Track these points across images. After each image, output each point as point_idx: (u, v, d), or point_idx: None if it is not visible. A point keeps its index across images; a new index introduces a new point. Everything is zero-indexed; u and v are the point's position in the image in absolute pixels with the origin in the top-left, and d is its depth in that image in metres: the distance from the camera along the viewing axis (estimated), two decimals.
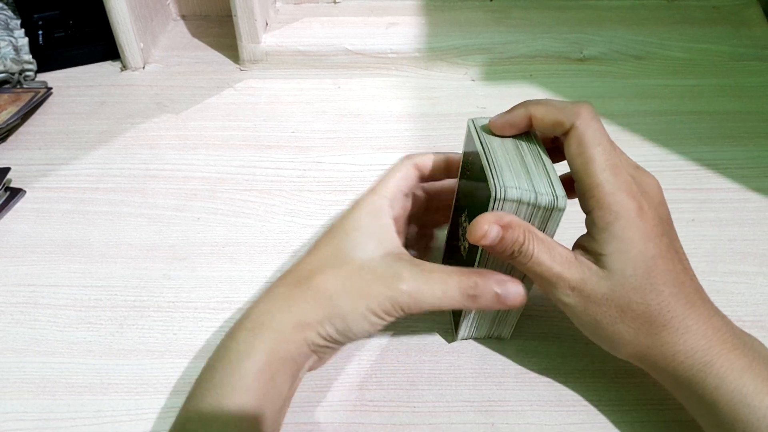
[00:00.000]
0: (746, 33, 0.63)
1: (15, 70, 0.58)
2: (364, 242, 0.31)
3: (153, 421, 0.33)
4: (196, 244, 0.44)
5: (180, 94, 0.59)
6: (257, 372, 0.28)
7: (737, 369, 0.28)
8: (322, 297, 0.29)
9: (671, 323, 0.29)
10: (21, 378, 0.35)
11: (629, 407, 0.34)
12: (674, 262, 0.29)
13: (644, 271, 0.28)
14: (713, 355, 0.28)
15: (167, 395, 0.35)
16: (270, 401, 0.29)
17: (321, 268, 0.31)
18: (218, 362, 0.29)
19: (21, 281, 0.41)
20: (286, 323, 0.29)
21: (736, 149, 0.51)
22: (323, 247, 0.32)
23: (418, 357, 0.36)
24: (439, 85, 0.60)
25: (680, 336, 0.29)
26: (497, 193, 0.28)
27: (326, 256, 0.31)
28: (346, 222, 0.32)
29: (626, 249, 0.28)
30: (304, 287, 0.30)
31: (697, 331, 0.29)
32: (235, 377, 0.28)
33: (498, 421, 0.33)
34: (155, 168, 0.50)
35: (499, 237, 0.29)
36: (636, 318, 0.29)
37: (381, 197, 0.33)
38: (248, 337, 0.29)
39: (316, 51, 0.61)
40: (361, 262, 0.30)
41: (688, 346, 0.28)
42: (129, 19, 0.59)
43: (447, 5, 0.67)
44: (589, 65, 0.61)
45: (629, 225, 0.28)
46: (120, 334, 0.38)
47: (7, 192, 0.48)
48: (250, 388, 0.28)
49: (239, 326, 0.30)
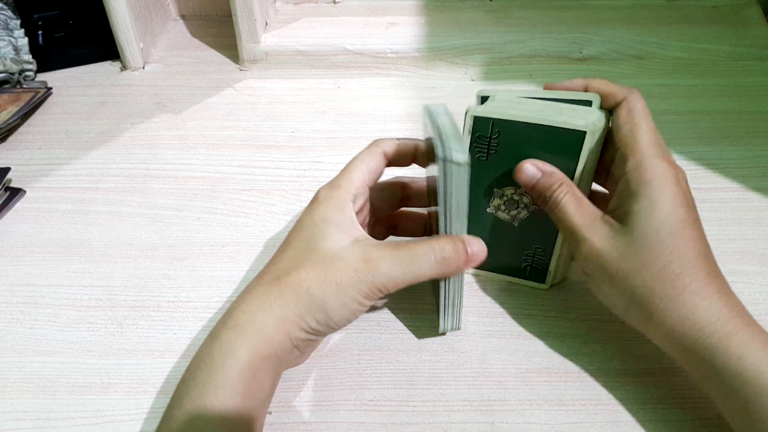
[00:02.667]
0: (746, 33, 0.63)
1: (15, 70, 0.58)
2: (332, 234, 0.32)
3: (153, 421, 0.33)
4: (196, 244, 0.44)
5: (180, 94, 0.59)
6: (240, 370, 0.28)
7: (758, 342, 0.28)
8: (300, 291, 0.30)
9: (692, 286, 0.29)
10: (21, 378, 0.35)
11: (629, 407, 0.34)
12: (700, 234, 0.31)
13: (669, 232, 0.30)
14: (735, 325, 0.28)
15: (167, 395, 0.34)
16: (253, 399, 0.29)
17: (296, 263, 0.31)
18: (201, 362, 0.29)
19: (21, 281, 0.41)
20: (268, 320, 0.30)
21: (736, 149, 0.51)
22: (294, 242, 0.32)
23: (418, 357, 0.36)
24: (439, 84, 0.60)
25: (701, 300, 0.29)
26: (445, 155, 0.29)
27: (299, 250, 0.32)
28: (314, 215, 0.32)
29: (655, 209, 0.30)
30: (282, 284, 0.30)
31: (719, 300, 0.29)
32: (218, 376, 0.28)
33: (498, 420, 0.33)
34: (155, 168, 0.50)
35: (536, 178, 0.33)
36: (654, 275, 0.30)
37: (346, 193, 0.33)
38: (230, 337, 0.29)
39: (315, 51, 0.61)
40: (332, 252, 0.31)
41: (710, 312, 0.29)
42: (129, 19, 0.59)
43: (447, 5, 0.67)
44: (588, 65, 0.61)
45: (664, 188, 0.30)
46: (120, 334, 0.38)
47: (7, 192, 0.48)
48: (234, 387, 0.28)
49: (221, 326, 0.30)
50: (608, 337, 0.37)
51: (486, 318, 0.38)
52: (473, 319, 0.38)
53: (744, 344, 0.28)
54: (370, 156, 0.35)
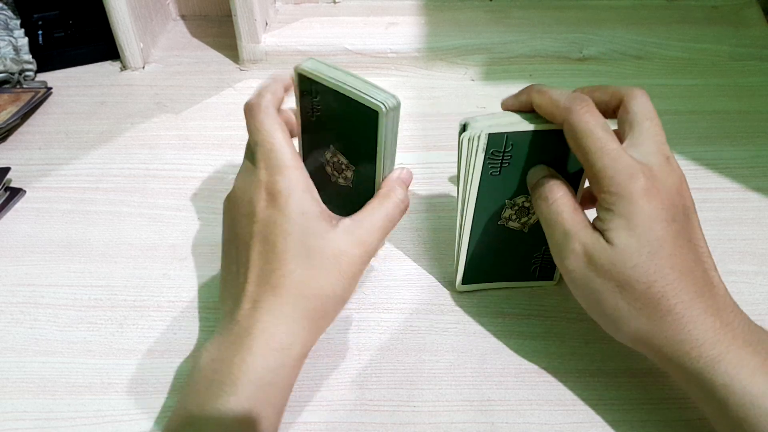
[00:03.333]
0: (746, 33, 0.63)
1: (15, 70, 0.58)
2: (318, 228, 0.31)
3: (153, 421, 0.33)
4: (196, 244, 0.44)
5: (180, 93, 0.59)
6: (286, 392, 0.30)
7: (749, 367, 0.27)
8: (329, 305, 0.31)
9: (675, 309, 0.28)
10: (21, 378, 0.35)
11: (629, 407, 0.34)
12: (684, 249, 0.29)
13: (649, 251, 0.28)
14: (722, 349, 0.27)
15: (167, 395, 0.35)
16: (270, 404, 0.29)
17: (308, 275, 0.30)
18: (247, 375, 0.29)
19: (21, 281, 0.41)
20: (312, 339, 0.31)
21: (736, 149, 0.51)
22: (288, 248, 0.30)
23: (418, 357, 0.36)
24: (439, 85, 0.60)
25: (685, 324, 0.28)
26: (384, 107, 0.30)
27: (300, 257, 0.30)
28: (289, 211, 0.30)
29: (631, 227, 0.28)
30: (311, 299, 0.31)
31: (704, 322, 0.28)
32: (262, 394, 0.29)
33: (498, 420, 0.33)
34: (155, 168, 0.50)
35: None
36: (637, 298, 0.29)
37: (301, 171, 0.31)
38: (278, 358, 0.30)
39: (315, 51, 0.61)
40: (333, 251, 0.31)
41: (693, 336, 0.28)
42: (129, 19, 0.59)
43: (447, 5, 0.67)
44: (588, 65, 0.61)
45: (632, 205, 0.28)
46: (120, 333, 0.38)
47: (7, 192, 0.48)
48: (273, 405, 0.29)
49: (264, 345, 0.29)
50: (608, 337, 0.37)
51: (486, 318, 0.38)
52: (473, 319, 0.38)
53: (732, 370, 0.27)
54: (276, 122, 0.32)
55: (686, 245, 0.29)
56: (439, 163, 0.50)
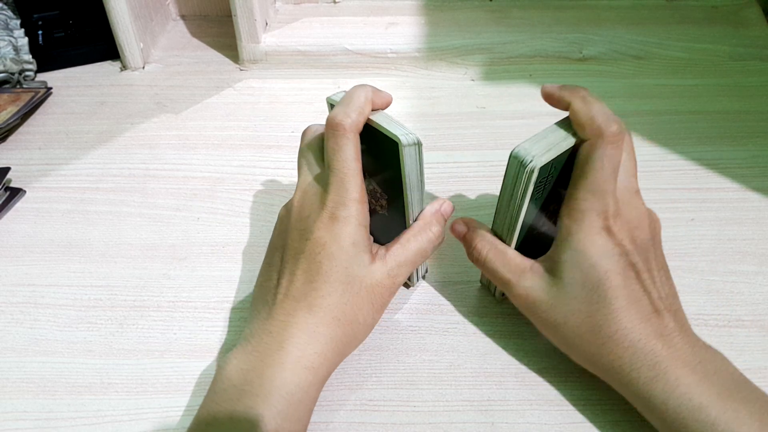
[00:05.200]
0: (745, 33, 0.63)
1: (15, 70, 0.58)
2: (362, 259, 0.32)
3: (153, 421, 0.33)
4: (196, 244, 0.44)
5: (180, 94, 0.59)
6: (310, 406, 0.31)
7: (686, 384, 0.28)
8: (357, 330, 0.33)
9: (616, 335, 0.30)
10: (21, 378, 0.35)
11: (629, 407, 0.33)
12: (631, 280, 0.30)
13: (593, 284, 0.30)
14: (659, 370, 0.29)
15: (167, 395, 0.35)
16: (299, 421, 0.30)
17: (345, 300, 0.32)
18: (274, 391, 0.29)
19: (21, 281, 0.41)
20: (337, 361, 0.32)
21: (736, 149, 0.51)
22: (331, 272, 0.31)
23: (418, 357, 0.36)
24: (439, 85, 0.60)
25: (625, 349, 0.30)
26: (404, 140, 0.31)
27: (341, 284, 0.32)
28: (341, 239, 0.31)
29: (579, 261, 0.31)
30: (344, 325, 0.32)
31: (644, 346, 0.30)
32: (293, 409, 0.29)
33: (498, 420, 0.33)
34: (155, 168, 0.50)
35: (463, 233, 0.36)
36: (579, 325, 0.31)
37: (362, 204, 0.32)
38: (308, 377, 0.30)
39: (315, 51, 0.61)
40: (371, 282, 0.32)
41: (633, 360, 0.30)
42: (129, 19, 0.59)
43: (447, 5, 0.67)
44: (588, 65, 0.61)
45: (587, 239, 0.31)
46: (120, 334, 0.38)
47: (7, 192, 0.48)
48: (300, 420, 0.30)
49: (295, 362, 0.30)
50: None
51: (486, 318, 0.38)
52: (473, 319, 0.38)
53: (669, 388, 0.29)
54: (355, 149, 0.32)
55: (633, 276, 0.31)
56: (439, 164, 0.50)
